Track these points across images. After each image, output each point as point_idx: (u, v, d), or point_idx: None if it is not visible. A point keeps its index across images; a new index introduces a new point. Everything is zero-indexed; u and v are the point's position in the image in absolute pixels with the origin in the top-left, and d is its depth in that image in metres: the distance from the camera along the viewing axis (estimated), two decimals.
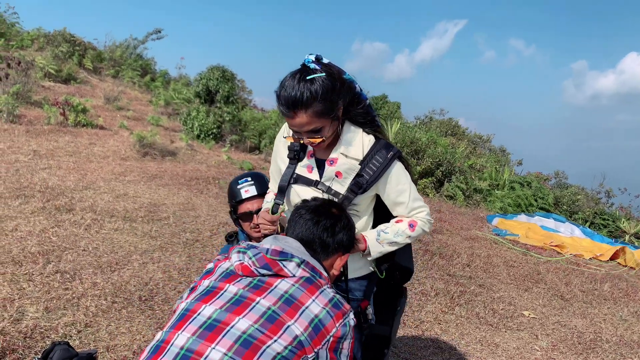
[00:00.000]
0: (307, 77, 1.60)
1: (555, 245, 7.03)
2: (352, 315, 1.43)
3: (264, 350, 1.26)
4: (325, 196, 1.83)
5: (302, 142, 1.78)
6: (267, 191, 2.17)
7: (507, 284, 5.18)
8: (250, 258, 1.44)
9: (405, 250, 2.03)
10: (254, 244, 1.54)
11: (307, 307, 1.35)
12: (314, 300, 1.37)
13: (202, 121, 10.59)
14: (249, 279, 1.42)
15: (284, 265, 1.42)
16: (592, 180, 11.96)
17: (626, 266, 6.79)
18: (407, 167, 1.88)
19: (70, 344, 2.30)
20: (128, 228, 4.57)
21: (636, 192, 11.16)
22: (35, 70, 10.78)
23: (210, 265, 1.57)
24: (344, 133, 1.80)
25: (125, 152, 7.75)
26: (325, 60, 1.68)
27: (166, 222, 4.95)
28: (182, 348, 1.27)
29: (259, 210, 2.26)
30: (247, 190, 2.29)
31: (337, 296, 1.43)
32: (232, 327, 1.29)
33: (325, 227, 1.60)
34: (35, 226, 4.16)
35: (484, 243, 6.79)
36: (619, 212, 10.62)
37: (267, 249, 1.45)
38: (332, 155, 1.81)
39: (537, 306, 4.65)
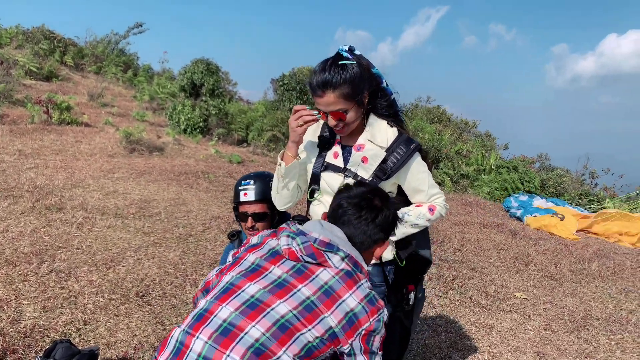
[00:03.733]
0: (339, 62, 1.78)
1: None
2: (386, 312, 1.49)
3: (298, 337, 1.35)
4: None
5: (327, 121, 1.88)
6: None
7: (498, 266, 5.27)
8: (298, 245, 1.49)
9: (424, 240, 2.16)
10: (303, 229, 1.58)
11: (343, 301, 1.41)
12: (351, 295, 1.43)
13: (188, 115, 10.50)
14: (293, 263, 1.49)
15: (328, 257, 1.47)
16: (577, 163, 12.15)
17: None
18: (425, 158, 2.00)
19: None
20: (120, 225, 4.55)
21: (619, 172, 11.39)
22: (16, 69, 10.59)
23: (255, 240, 1.63)
24: (369, 122, 1.94)
25: (112, 148, 7.68)
26: (357, 52, 1.85)
27: (158, 218, 4.94)
28: (224, 320, 1.36)
29: (255, 214, 2.31)
30: (246, 193, 2.31)
31: (373, 292, 1.48)
32: (272, 310, 1.37)
33: (367, 221, 1.60)
34: (27, 226, 4.12)
35: (473, 227, 6.88)
36: (603, 193, 10.82)
37: (316, 239, 1.50)
38: (360, 141, 1.94)
39: (528, 287, 4.74)
